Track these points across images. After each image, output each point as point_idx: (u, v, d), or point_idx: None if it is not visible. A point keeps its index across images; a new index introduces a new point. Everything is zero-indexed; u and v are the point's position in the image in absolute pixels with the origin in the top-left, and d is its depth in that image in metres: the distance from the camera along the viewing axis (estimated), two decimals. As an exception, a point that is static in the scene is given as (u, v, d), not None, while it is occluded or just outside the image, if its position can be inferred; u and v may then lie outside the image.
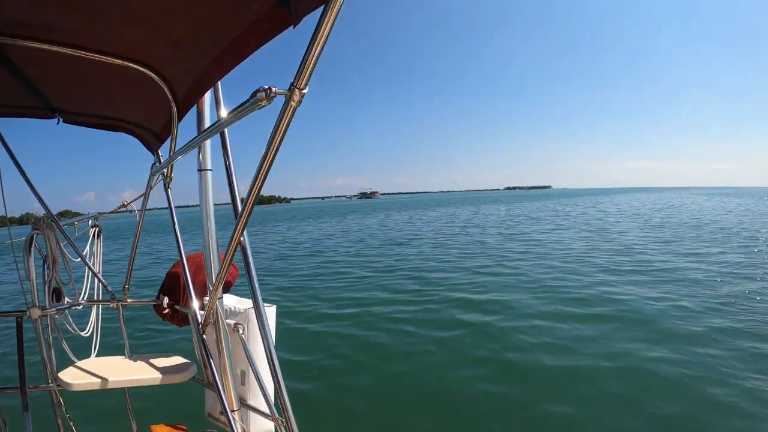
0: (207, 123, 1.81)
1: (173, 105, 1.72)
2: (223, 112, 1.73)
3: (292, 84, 0.86)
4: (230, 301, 2.17)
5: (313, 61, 0.82)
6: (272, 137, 0.99)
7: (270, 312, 2.13)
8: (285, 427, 1.59)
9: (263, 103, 0.89)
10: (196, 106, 1.77)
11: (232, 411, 1.76)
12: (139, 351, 2.53)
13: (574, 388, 5.44)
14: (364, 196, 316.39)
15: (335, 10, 0.75)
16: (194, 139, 1.53)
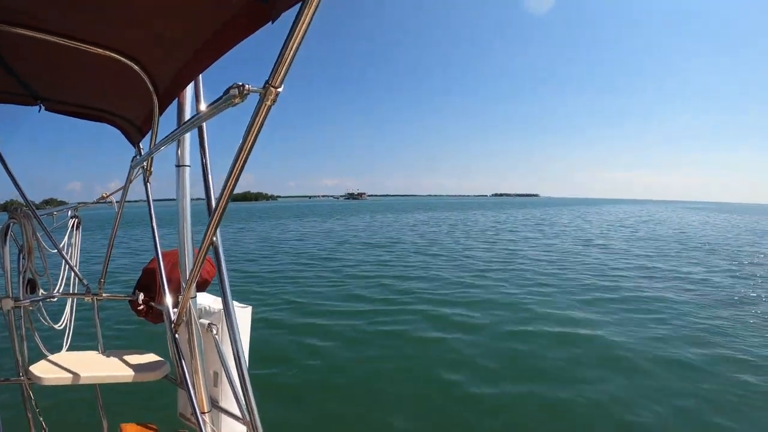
0: (187, 118, 1.79)
1: (154, 98, 1.70)
2: (203, 107, 1.70)
3: (266, 82, 0.84)
4: (206, 300, 2.14)
5: (288, 60, 0.80)
6: (245, 137, 0.97)
7: (245, 313, 2.12)
8: (253, 431, 1.55)
9: (236, 100, 0.87)
10: (177, 100, 1.75)
11: (203, 413, 1.74)
12: (114, 347, 2.49)
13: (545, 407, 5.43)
14: (351, 197, 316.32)
15: (312, 8, 0.74)
16: (172, 133, 1.52)
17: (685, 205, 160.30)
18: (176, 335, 1.73)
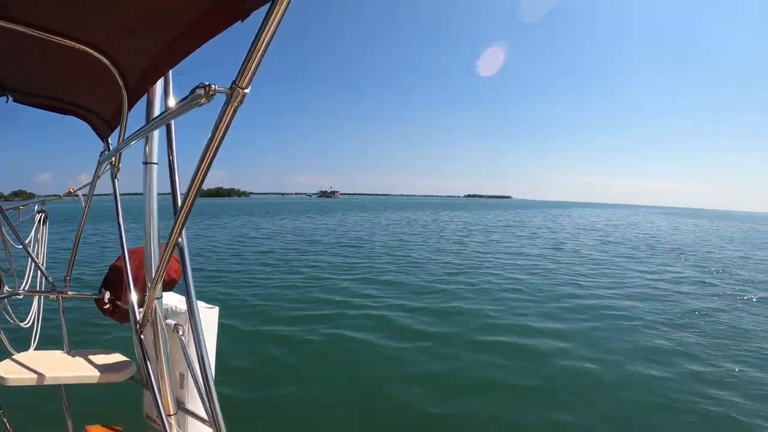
0: (156, 114, 1.77)
1: (124, 92, 1.67)
2: (172, 104, 1.66)
3: (233, 82, 0.83)
4: (172, 300, 2.10)
5: (256, 61, 0.79)
6: (211, 137, 0.95)
7: (211, 314, 2.10)
8: None
9: (202, 100, 0.86)
10: (146, 96, 1.73)
11: (168, 415, 1.72)
12: (80, 346, 2.44)
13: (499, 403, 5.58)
14: (324, 194, 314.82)
15: (282, 8, 0.73)
16: (140, 129, 1.50)
17: (652, 210, 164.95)
18: (142, 336, 1.70)
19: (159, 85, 1.72)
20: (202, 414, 1.81)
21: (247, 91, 0.83)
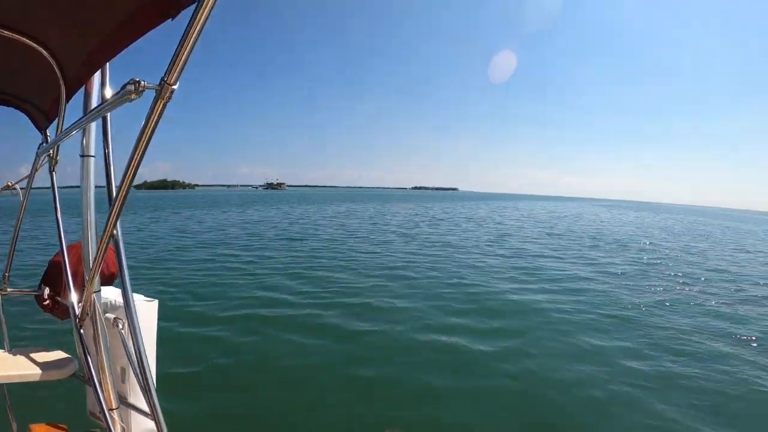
0: (93, 106, 1.74)
1: (62, 84, 1.68)
2: (109, 97, 1.68)
3: (162, 79, 0.85)
4: (112, 294, 2.07)
5: (184, 58, 0.82)
6: (141, 132, 0.97)
7: (151, 307, 2.08)
8: (162, 427, 1.53)
9: (132, 96, 0.88)
10: (84, 88, 1.72)
11: (111, 410, 1.71)
12: (22, 344, 2.40)
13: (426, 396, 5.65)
14: (270, 186, 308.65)
15: (207, 8, 0.76)
16: (77, 121, 1.50)
17: (594, 202, 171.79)
18: (81, 331, 1.69)
19: (96, 77, 1.70)
20: (145, 408, 1.76)
21: (175, 87, 0.86)
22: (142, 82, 0.87)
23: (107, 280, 2.12)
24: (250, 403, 5.39)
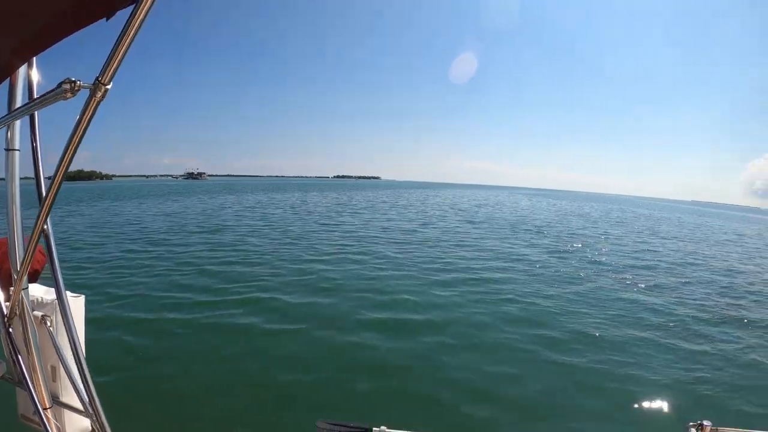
0: (19, 99, 1.62)
1: None
2: (36, 93, 1.59)
3: (97, 79, 0.86)
4: (37, 291, 2.01)
5: (119, 58, 0.83)
6: (74, 131, 0.97)
7: (78, 303, 2.00)
8: (96, 423, 1.55)
9: (68, 95, 0.87)
10: (9, 80, 1.61)
11: (45, 409, 1.69)
12: None
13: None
14: (190, 176, 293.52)
15: (145, 10, 0.77)
16: (5, 117, 1.46)
17: (515, 191, 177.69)
18: (10, 330, 1.67)
19: (22, 70, 1.60)
20: (78, 405, 1.78)
21: (109, 87, 0.87)
22: (78, 82, 0.87)
23: (31, 277, 2.05)
24: (181, 395, 5.48)
